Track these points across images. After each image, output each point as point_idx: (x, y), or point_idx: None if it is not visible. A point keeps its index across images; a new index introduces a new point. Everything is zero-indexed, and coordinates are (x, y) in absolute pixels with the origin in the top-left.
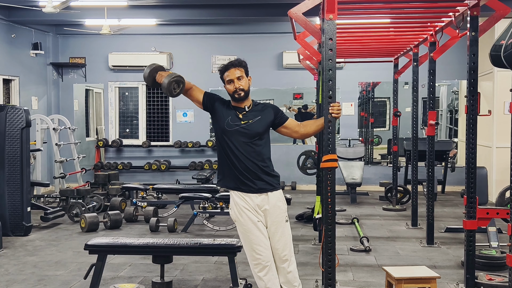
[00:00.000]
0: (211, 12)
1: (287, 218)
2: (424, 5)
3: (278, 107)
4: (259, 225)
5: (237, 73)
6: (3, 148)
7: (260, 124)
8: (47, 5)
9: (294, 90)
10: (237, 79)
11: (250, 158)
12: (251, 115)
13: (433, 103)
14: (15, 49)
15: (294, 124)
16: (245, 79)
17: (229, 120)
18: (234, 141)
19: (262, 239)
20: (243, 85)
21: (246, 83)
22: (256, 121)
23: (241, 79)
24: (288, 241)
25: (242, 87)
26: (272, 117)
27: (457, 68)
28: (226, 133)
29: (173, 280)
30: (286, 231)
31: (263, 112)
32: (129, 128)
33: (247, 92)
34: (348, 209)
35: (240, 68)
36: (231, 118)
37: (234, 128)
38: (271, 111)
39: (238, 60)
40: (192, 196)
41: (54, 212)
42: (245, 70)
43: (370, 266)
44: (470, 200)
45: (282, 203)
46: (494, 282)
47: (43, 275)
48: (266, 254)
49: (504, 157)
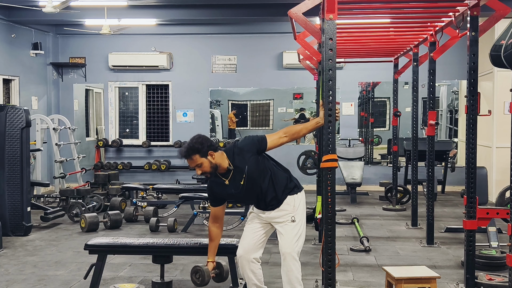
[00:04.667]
0: (211, 12)
1: (294, 218)
2: (424, 5)
3: (251, 138)
4: (255, 225)
5: (193, 162)
6: (3, 148)
7: (253, 168)
8: (47, 5)
9: (294, 90)
10: (196, 167)
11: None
12: (239, 170)
13: (433, 103)
14: (15, 49)
15: (275, 140)
16: (205, 161)
17: (232, 189)
18: (248, 196)
19: (247, 235)
20: (204, 169)
21: (208, 165)
22: (248, 170)
23: (201, 165)
24: (290, 240)
25: (204, 171)
26: (255, 151)
27: (457, 68)
28: (238, 197)
29: (173, 280)
30: (289, 230)
31: (244, 157)
32: (129, 128)
33: (213, 170)
34: (348, 209)
35: (194, 155)
36: (230, 187)
37: (241, 195)
38: (250, 149)
39: (187, 150)
40: (192, 196)
41: (54, 212)
42: (200, 152)
43: (370, 266)
44: (470, 200)
45: (289, 206)
46: (494, 282)
47: (43, 275)
48: (244, 247)
49: (504, 157)
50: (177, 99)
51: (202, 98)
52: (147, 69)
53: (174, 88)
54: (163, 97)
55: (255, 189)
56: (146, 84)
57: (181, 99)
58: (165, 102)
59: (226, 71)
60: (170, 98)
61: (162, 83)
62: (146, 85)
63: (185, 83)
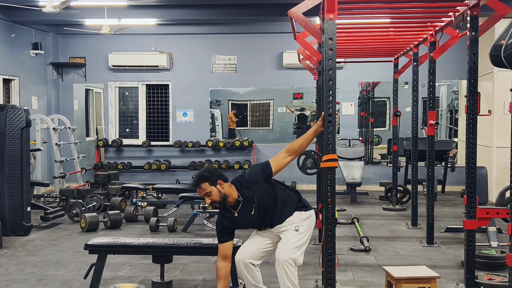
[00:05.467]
0: (211, 12)
1: (297, 228)
2: (424, 5)
3: (255, 168)
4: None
5: (203, 191)
6: (3, 148)
7: (263, 198)
8: (47, 5)
9: (294, 90)
10: (205, 195)
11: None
12: (249, 200)
13: (433, 103)
14: (15, 49)
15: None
16: (214, 190)
17: (242, 221)
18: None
19: (251, 242)
20: (214, 198)
21: (217, 194)
22: (258, 200)
23: (210, 194)
24: (288, 245)
25: (213, 200)
26: (262, 180)
27: (457, 68)
28: (250, 226)
29: (173, 280)
30: (289, 236)
31: (252, 187)
32: (129, 128)
33: (223, 199)
34: (348, 209)
35: (203, 184)
36: (241, 218)
37: (253, 224)
38: (257, 180)
39: (198, 179)
40: (192, 196)
41: (54, 212)
42: (210, 181)
43: (370, 266)
44: (470, 200)
45: (295, 218)
46: (494, 282)
47: (43, 275)
48: (243, 253)
49: (504, 157)
50: (177, 99)
51: (202, 98)
52: (147, 69)
53: (174, 88)
54: (163, 97)
55: (267, 213)
56: (146, 84)
57: (181, 99)
58: (165, 102)
59: (226, 71)
60: (170, 98)
61: (162, 83)
62: (146, 85)
63: (185, 83)
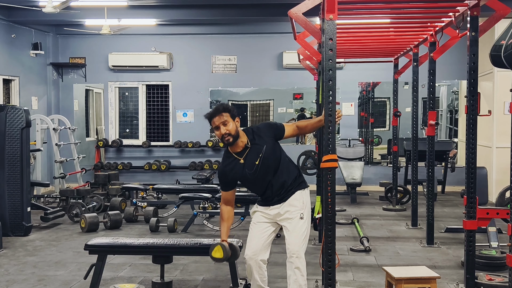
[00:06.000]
0: (211, 12)
1: (302, 216)
2: (424, 5)
3: (270, 123)
4: (262, 224)
5: (221, 118)
6: (3, 148)
7: (270, 151)
8: (47, 5)
9: (294, 90)
10: (222, 124)
11: (277, 184)
12: (257, 149)
13: (433, 103)
14: (15, 49)
15: (290, 130)
16: (232, 122)
17: (246, 170)
18: (260, 181)
19: (255, 235)
20: (229, 130)
21: (233, 127)
22: (265, 151)
23: (227, 124)
24: (299, 237)
25: (228, 132)
26: (273, 136)
27: (457, 68)
28: (250, 180)
29: (173, 280)
30: (298, 227)
31: (262, 139)
32: (129, 128)
33: (236, 135)
34: (348, 209)
35: (225, 113)
36: (244, 167)
37: (253, 176)
38: (268, 132)
39: (223, 106)
40: (192, 196)
41: (54, 212)
42: (231, 113)
43: (370, 266)
44: (470, 200)
45: (298, 202)
46: (494, 282)
47: (43, 275)
48: (253, 249)
49: (504, 157)
50: (177, 99)
51: (202, 98)
52: (147, 69)
53: (174, 88)
54: (163, 97)
55: (268, 171)
56: (146, 84)
57: (181, 99)
58: (165, 102)
59: (226, 71)
60: (170, 98)
61: (162, 83)
62: (146, 85)
63: (185, 83)
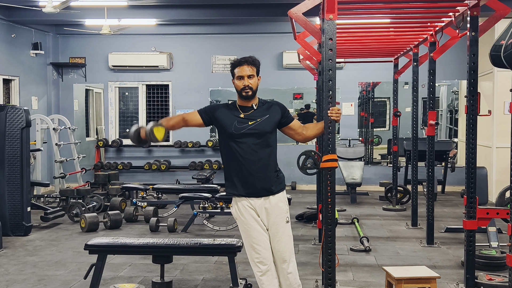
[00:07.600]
0: (211, 12)
1: (288, 219)
2: (424, 5)
3: (285, 106)
4: (260, 224)
5: (248, 70)
6: (3, 148)
7: (268, 123)
8: (47, 5)
9: (294, 90)
10: (247, 77)
11: (257, 161)
12: (259, 114)
13: (433, 103)
14: (15, 49)
15: (298, 126)
16: (255, 78)
17: (235, 124)
18: (242, 145)
19: (262, 238)
20: (252, 84)
21: (255, 82)
22: (264, 120)
23: (252, 78)
24: (288, 242)
25: (251, 86)
26: (279, 116)
27: (457, 68)
28: (234, 137)
29: (173, 280)
30: (286, 232)
31: (270, 110)
32: (129, 128)
33: (255, 92)
34: (348, 209)
35: (253, 66)
36: (238, 121)
37: (242, 131)
38: (279, 110)
39: (252, 58)
40: (192, 196)
41: (54, 212)
42: (257, 69)
43: (370, 266)
44: (470, 200)
45: (283, 203)
46: (494, 282)
47: (43, 275)
48: (265, 254)
49: (504, 157)
50: (177, 99)
51: (202, 98)
52: (147, 69)
53: (174, 88)
54: (163, 97)
55: (257, 137)
56: (146, 84)
57: (181, 99)
58: (165, 102)
59: (226, 71)
60: (170, 98)
61: (162, 83)
62: (146, 85)
63: (185, 83)
